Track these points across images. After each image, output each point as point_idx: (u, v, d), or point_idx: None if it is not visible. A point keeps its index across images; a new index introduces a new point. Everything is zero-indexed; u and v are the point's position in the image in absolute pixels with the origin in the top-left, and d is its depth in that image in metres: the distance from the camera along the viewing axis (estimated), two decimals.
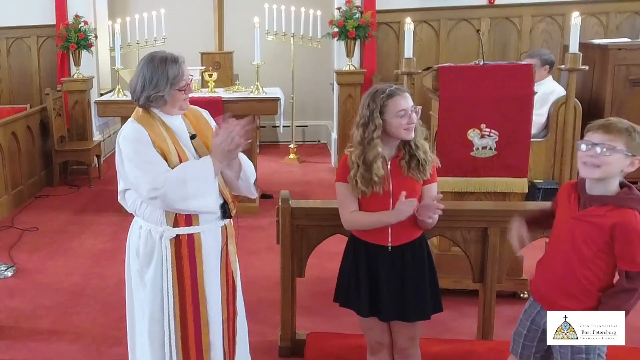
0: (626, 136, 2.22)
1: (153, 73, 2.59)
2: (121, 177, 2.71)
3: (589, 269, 2.33)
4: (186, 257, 2.65)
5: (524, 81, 3.83)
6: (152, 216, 2.67)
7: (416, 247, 2.69)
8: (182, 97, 2.65)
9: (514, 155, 3.88)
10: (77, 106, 7.83)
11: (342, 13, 7.21)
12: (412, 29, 4.59)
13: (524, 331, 2.56)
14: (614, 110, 5.65)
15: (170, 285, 2.66)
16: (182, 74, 2.61)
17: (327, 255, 3.92)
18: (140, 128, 2.62)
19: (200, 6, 9.23)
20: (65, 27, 7.51)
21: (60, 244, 5.51)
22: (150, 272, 2.69)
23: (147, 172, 2.55)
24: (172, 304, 2.67)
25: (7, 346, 3.82)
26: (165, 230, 2.64)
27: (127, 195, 2.76)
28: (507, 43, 7.46)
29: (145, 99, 2.62)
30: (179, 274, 2.66)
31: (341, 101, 7.52)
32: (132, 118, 2.69)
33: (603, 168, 2.25)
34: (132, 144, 2.61)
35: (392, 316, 2.73)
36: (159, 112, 2.67)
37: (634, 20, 7.23)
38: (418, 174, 2.64)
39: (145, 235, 2.70)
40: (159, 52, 2.66)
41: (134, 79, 2.66)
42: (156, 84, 2.58)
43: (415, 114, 2.60)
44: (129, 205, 2.77)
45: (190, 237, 2.65)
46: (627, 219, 2.24)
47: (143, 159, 2.57)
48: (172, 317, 2.67)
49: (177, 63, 2.61)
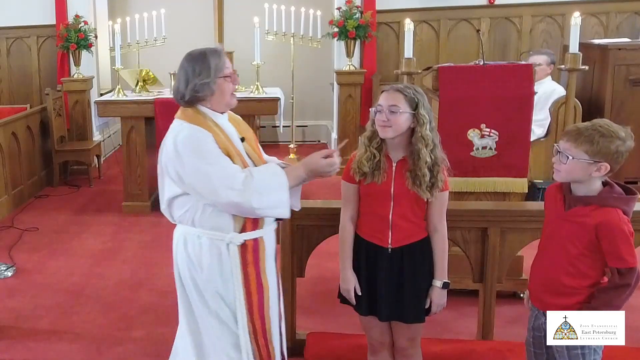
0: (587, 144, 2.29)
1: (195, 65, 2.51)
2: (175, 183, 2.54)
3: (576, 267, 2.37)
4: (251, 263, 2.58)
5: (524, 81, 3.82)
6: (217, 223, 2.54)
7: (416, 250, 2.68)
8: (228, 87, 2.57)
9: (514, 155, 3.87)
10: (77, 106, 7.84)
11: (342, 13, 7.21)
12: (412, 29, 4.58)
13: (531, 339, 2.60)
14: (614, 110, 5.65)
15: (241, 292, 2.58)
16: (224, 62, 2.55)
17: (327, 255, 3.92)
18: (200, 129, 2.49)
19: (200, 6, 9.22)
20: (65, 27, 7.52)
21: (60, 244, 5.51)
22: (219, 282, 2.58)
23: (220, 175, 2.43)
24: (243, 310, 2.59)
25: (7, 346, 3.82)
26: (233, 237, 2.54)
27: (177, 204, 2.60)
28: (507, 43, 7.47)
29: (192, 91, 2.51)
30: (245, 279, 2.58)
31: (341, 101, 7.53)
32: (183, 120, 2.55)
33: (563, 174, 2.37)
34: (196, 147, 2.46)
35: (390, 316, 2.74)
36: (208, 111, 2.56)
37: (634, 20, 7.24)
38: (421, 191, 2.57)
39: (207, 244, 2.56)
40: (195, 49, 2.59)
41: (177, 79, 2.58)
42: (200, 73, 2.50)
43: (389, 114, 2.53)
44: (179, 215, 2.61)
45: (256, 242, 2.59)
46: (609, 218, 2.30)
47: (213, 161, 2.44)
48: (245, 323, 2.61)
49: (217, 52, 2.55)
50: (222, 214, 2.52)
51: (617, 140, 2.27)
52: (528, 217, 3.30)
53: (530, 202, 4.12)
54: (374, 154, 2.61)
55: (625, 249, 2.30)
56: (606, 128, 2.29)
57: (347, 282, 2.73)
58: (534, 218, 3.18)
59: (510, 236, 3.34)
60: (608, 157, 2.28)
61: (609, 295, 2.33)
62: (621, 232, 2.29)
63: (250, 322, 2.63)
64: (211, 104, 2.57)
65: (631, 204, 2.35)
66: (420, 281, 2.70)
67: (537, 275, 2.55)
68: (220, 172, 2.43)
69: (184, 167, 2.47)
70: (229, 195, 2.41)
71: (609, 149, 2.27)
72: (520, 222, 3.32)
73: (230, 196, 2.41)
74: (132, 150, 6.21)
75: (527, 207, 3.52)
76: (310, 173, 2.55)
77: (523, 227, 3.31)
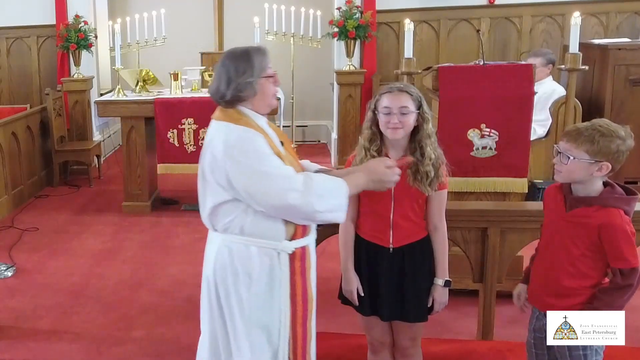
0: (588, 144, 2.29)
1: (238, 64, 2.39)
2: (222, 189, 2.38)
3: (577, 268, 2.37)
4: (299, 272, 2.47)
5: (524, 81, 3.82)
6: (268, 230, 2.40)
7: (417, 249, 2.69)
8: (271, 88, 2.45)
9: (514, 155, 3.87)
10: (77, 106, 7.84)
11: (342, 13, 7.21)
12: (412, 29, 4.59)
13: (532, 340, 2.59)
14: (614, 110, 5.65)
15: (287, 304, 2.45)
16: (268, 61, 2.43)
17: (327, 255, 3.91)
18: (250, 130, 2.36)
19: (200, 6, 9.23)
20: (65, 27, 7.52)
21: (60, 244, 5.51)
22: (266, 293, 2.44)
23: (280, 176, 2.30)
24: (287, 322, 2.46)
25: (7, 346, 3.82)
26: (285, 245, 2.41)
27: (223, 212, 2.42)
28: (507, 43, 7.47)
29: (235, 90, 2.38)
30: (291, 290, 2.46)
31: (341, 101, 7.52)
32: (227, 121, 2.40)
33: (564, 174, 2.38)
34: (250, 148, 2.32)
35: (392, 316, 2.74)
36: (249, 112, 2.43)
37: (634, 20, 7.24)
38: (423, 186, 2.58)
39: (257, 254, 2.41)
40: (237, 47, 2.49)
41: (216, 79, 2.44)
42: (243, 72, 2.37)
43: (400, 116, 2.53)
44: (225, 223, 2.43)
45: (303, 250, 2.47)
46: (612, 219, 2.30)
47: (270, 163, 2.31)
48: (287, 335, 2.48)
49: (261, 51, 2.44)
50: (274, 220, 2.38)
51: (617, 139, 2.28)
52: (528, 217, 3.30)
53: (530, 202, 4.13)
54: (375, 156, 2.60)
55: (628, 249, 2.29)
56: (606, 127, 2.30)
57: (349, 284, 2.72)
58: (533, 218, 3.18)
59: (510, 236, 3.34)
60: (609, 156, 2.29)
61: (611, 296, 2.32)
62: (624, 232, 2.29)
63: (292, 334, 2.51)
64: (253, 105, 2.45)
65: (632, 204, 2.35)
66: (422, 280, 2.70)
67: (537, 276, 2.54)
68: (279, 173, 2.31)
69: (238, 170, 2.32)
70: (290, 197, 2.28)
71: (610, 148, 2.28)
72: (520, 222, 3.33)
73: (290, 198, 2.28)
74: (132, 150, 6.21)
75: (527, 207, 3.52)
76: (370, 181, 2.41)
77: (523, 227, 3.31)
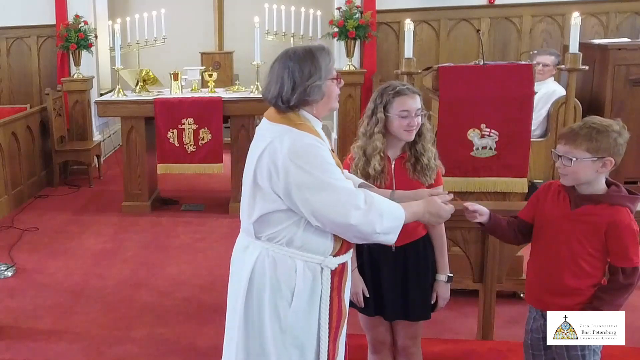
0: (587, 142, 2.29)
1: (303, 65, 2.21)
2: (277, 197, 2.22)
3: (580, 267, 2.36)
4: (336, 288, 2.35)
5: (524, 81, 3.83)
6: (317, 244, 2.27)
7: (419, 247, 2.70)
8: (336, 91, 2.31)
9: (514, 155, 3.88)
10: (77, 106, 7.84)
11: (342, 13, 7.21)
12: (412, 29, 4.59)
13: (529, 341, 2.59)
14: (614, 110, 5.64)
15: (326, 319, 2.34)
16: (333, 62, 2.29)
17: None
18: (316, 138, 2.22)
19: (200, 6, 9.23)
20: (65, 27, 7.52)
21: (60, 244, 5.51)
22: (306, 308, 2.32)
23: (346, 191, 2.18)
24: (326, 338, 2.35)
25: (7, 346, 3.82)
26: (329, 260, 2.30)
27: (272, 221, 2.27)
28: (507, 43, 7.47)
29: (301, 94, 2.20)
30: (330, 306, 2.35)
31: (341, 101, 7.46)
32: (289, 126, 2.22)
33: (570, 176, 2.36)
34: (319, 158, 2.18)
35: (395, 315, 2.74)
36: (310, 117, 2.27)
37: (634, 20, 7.24)
38: (423, 177, 2.63)
39: (301, 267, 2.28)
40: (297, 46, 2.32)
41: (274, 81, 2.25)
42: (311, 75, 2.20)
43: (420, 117, 2.58)
44: (271, 232, 2.28)
45: (342, 266, 2.36)
46: (620, 217, 2.30)
47: (334, 176, 2.18)
48: (326, 351, 2.36)
49: (325, 51, 2.26)
50: (325, 235, 2.26)
51: (614, 133, 2.28)
52: None
53: None
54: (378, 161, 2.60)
55: (633, 248, 2.29)
56: (599, 124, 2.31)
57: (355, 286, 2.68)
58: None
59: None
60: (609, 150, 2.28)
61: (612, 295, 2.32)
62: (631, 231, 2.29)
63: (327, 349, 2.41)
64: (316, 109, 2.28)
65: (637, 203, 2.36)
66: (424, 278, 2.71)
67: (535, 275, 2.53)
68: (343, 187, 2.18)
69: (302, 180, 2.15)
70: (353, 215, 2.14)
71: (609, 143, 2.28)
72: None
73: (353, 216, 2.14)
74: (132, 150, 6.20)
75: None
76: (427, 212, 2.32)
77: None
